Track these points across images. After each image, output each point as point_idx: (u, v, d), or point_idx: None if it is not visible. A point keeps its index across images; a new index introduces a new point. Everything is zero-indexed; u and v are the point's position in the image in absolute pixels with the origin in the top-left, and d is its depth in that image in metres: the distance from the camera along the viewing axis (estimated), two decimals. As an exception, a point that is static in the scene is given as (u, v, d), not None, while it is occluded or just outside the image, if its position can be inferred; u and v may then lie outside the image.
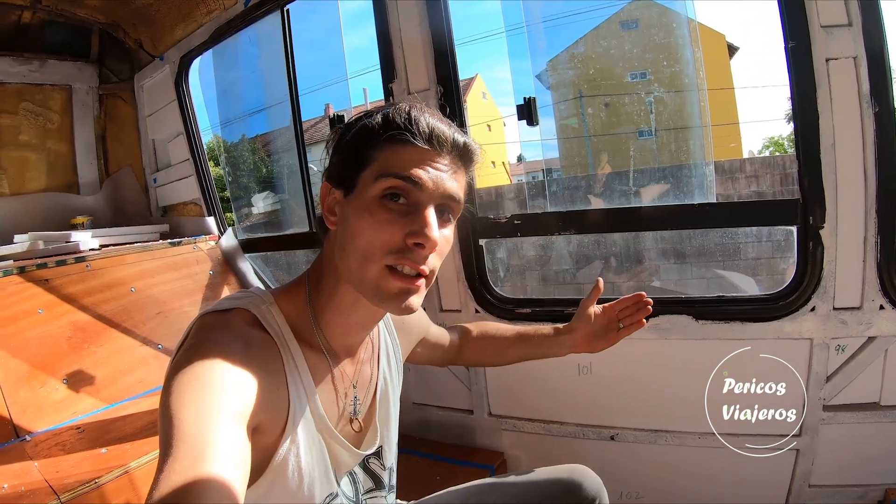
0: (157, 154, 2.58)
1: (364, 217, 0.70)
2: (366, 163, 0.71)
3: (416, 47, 1.62)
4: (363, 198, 0.70)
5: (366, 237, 0.69)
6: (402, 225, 0.69)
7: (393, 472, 0.94)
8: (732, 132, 6.15)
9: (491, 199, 5.80)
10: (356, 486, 0.85)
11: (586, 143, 6.18)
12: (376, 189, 0.69)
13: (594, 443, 1.59)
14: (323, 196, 0.76)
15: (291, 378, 0.73)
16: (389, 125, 0.71)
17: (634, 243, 4.46)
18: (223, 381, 0.61)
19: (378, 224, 0.69)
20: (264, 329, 0.73)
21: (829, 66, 1.18)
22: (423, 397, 1.91)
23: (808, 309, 1.30)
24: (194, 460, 0.53)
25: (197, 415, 0.57)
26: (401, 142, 0.70)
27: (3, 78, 2.26)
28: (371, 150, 0.71)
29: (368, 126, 0.72)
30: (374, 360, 0.90)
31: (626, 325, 1.14)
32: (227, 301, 0.76)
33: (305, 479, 0.74)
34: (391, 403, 0.92)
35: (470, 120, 17.63)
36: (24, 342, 1.59)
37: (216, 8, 2.03)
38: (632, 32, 6.09)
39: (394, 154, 0.70)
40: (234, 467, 0.55)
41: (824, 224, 1.25)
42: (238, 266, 2.30)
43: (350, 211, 0.72)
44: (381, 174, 0.69)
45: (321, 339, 0.78)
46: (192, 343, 0.66)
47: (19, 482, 1.20)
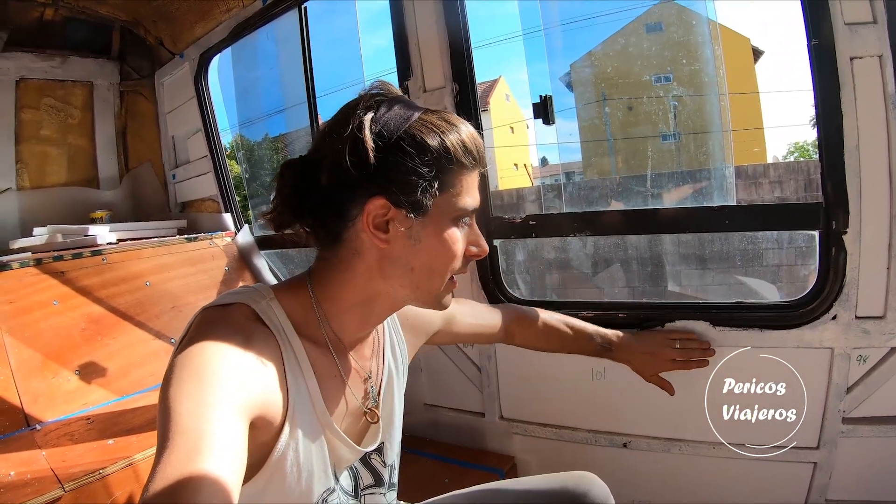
0: (176, 150, 2.60)
1: (444, 241, 0.75)
2: (447, 187, 0.74)
3: (432, 45, 1.61)
4: (442, 221, 0.75)
5: (447, 256, 0.76)
6: (465, 242, 0.79)
7: (394, 470, 0.94)
8: (757, 137, 6.03)
9: (512, 201, 5.89)
10: (356, 481, 0.85)
11: (609, 145, 6.13)
12: (456, 214, 0.76)
13: (606, 450, 1.56)
14: (372, 213, 0.73)
15: (291, 373, 0.73)
16: (468, 153, 0.75)
17: (653, 247, 4.41)
18: (222, 375, 0.62)
19: (456, 244, 0.77)
20: (264, 324, 0.73)
21: (854, 64, 1.13)
22: (435, 398, 1.89)
23: (830, 317, 1.25)
24: (191, 453, 0.53)
25: (195, 407, 0.58)
26: (472, 169, 0.76)
27: (26, 74, 2.30)
28: (450, 176, 0.74)
29: (448, 149, 0.73)
30: (380, 355, 0.91)
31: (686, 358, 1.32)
32: (227, 296, 0.76)
33: (304, 473, 0.74)
34: (395, 400, 0.92)
35: (493, 122, 17.69)
36: (38, 333, 1.61)
37: (235, 6, 2.04)
38: (656, 35, 6.03)
39: (468, 182, 0.76)
40: (230, 460, 0.56)
41: (847, 229, 1.20)
42: (254, 262, 2.31)
43: (425, 233, 0.75)
44: (461, 205, 0.76)
45: (328, 335, 0.79)
46: (193, 337, 0.66)
47: (26, 470, 1.21)
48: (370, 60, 4.72)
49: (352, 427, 0.84)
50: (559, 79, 7.80)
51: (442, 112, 0.76)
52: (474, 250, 0.79)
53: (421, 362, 1.88)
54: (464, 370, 1.78)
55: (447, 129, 0.73)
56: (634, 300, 1.69)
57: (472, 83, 1.59)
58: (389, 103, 0.73)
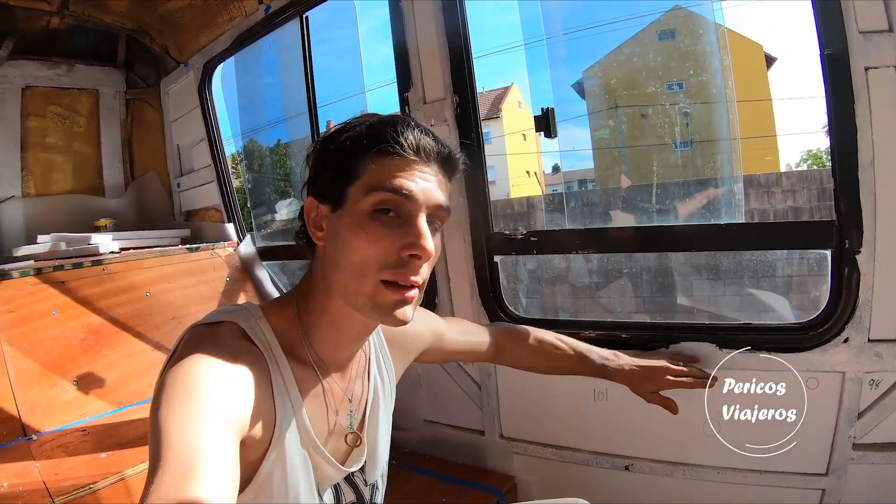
0: (181, 159, 2.61)
1: (357, 233, 0.70)
2: (354, 177, 0.71)
3: (433, 56, 1.59)
4: (354, 213, 0.71)
5: (360, 253, 0.70)
6: (395, 238, 0.70)
7: (377, 490, 0.92)
8: (770, 145, 5.94)
9: (523, 210, 5.84)
10: (339, 498, 0.85)
11: (622, 153, 6.08)
12: (367, 203, 0.70)
13: (608, 472, 1.51)
14: (308, 211, 0.76)
15: (278, 391, 0.73)
16: (376, 137, 0.70)
17: (663, 258, 4.35)
18: (212, 393, 0.62)
19: (372, 239, 0.70)
20: (252, 342, 0.73)
21: (869, 75, 1.08)
22: (434, 414, 1.86)
23: (841, 340, 1.20)
24: (184, 473, 0.53)
25: (186, 426, 0.57)
26: (389, 154, 0.70)
27: (32, 81, 2.32)
28: (358, 163, 0.71)
29: (354, 138, 0.72)
30: (365, 376, 0.89)
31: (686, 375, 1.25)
32: (216, 314, 0.76)
33: (290, 491, 0.74)
34: (381, 420, 0.91)
35: (505, 129, 17.63)
36: (36, 342, 1.62)
37: (238, 14, 2.04)
38: (669, 42, 5.97)
39: (383, 167, 0.70)
40: (223, 479, 0.55)
41: (861, 248, 1.15)
42: (255, 274, 2.30)
43: (341, 226, 0.72)
44: (371, 188, 0.70)
45: (311, 354, 0.78)
46: (182, 354, 0.66)
47: (18, 482, 1.22)
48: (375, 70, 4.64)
49: (337, 446, 0.83)
50: (571, 86, 7.75)
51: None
52: (406, 252, 0.70)
53: (421, 378, 1.85)
54: (464, 387, 1.75)
55: (362, 120, 0.74)
56: (638, 321, 1.64)
57: (472, 95, 1.56)
58: (343, 127, 0.76)
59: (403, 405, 1.86)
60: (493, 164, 16.96)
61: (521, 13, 6.03)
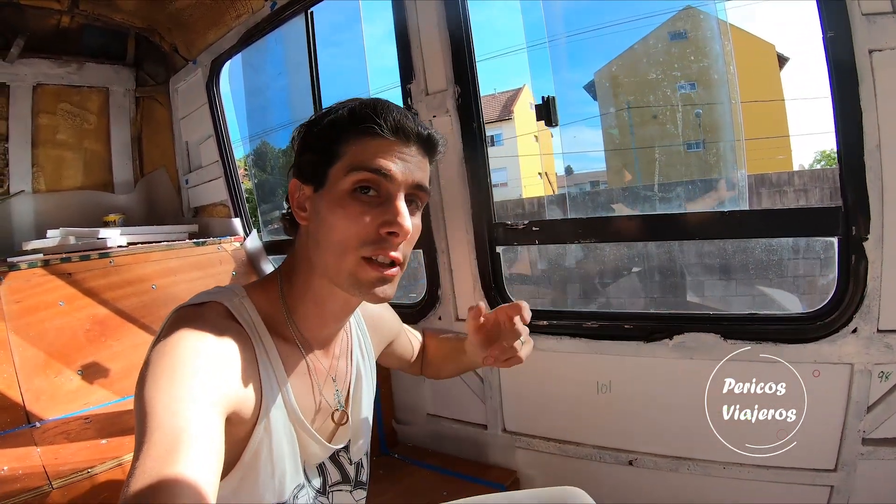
0: (189, 156, 2.63)
1: (337, 211, 0.72)
2: (335, 157, 0.73)
3: (434, 48, 1.59)
4: (335, 192, 0.73)
5: (340, 230, 0.72)
6: (374, 216, 0.72)
7: (361, 469, 0.93)
8: (782, 144, 5.86)
9: (533, 210, 5.87)
10: (324, 477, 0.86)
11: (633, 154, 6.05)
12: (347, 182, 0.72)
13: (611, 466, 1.49)
14: (292, 192, 0.78)
15: (264, 369, 0.74)
16: (356, 119, 0.72)
17: (673, 256, 4.31)
18: (197, 370, 0.63)
19: (352, 217, 0.72)
20: (237, 321, 0.74)
21: (873, 58, 1.06)
22: (438, 409, 1.85)
23: (850, 330, 1.17)
24: (169, 449, 0.54)
25: (171, 402, 0.58)
26: (368, 134, 0.72)
27: (43, 80, 2.35)
28: (339, 145, 0.73)
29: (335, 120, 0.74)
30: (348, 355, 0.91)
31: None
32: (201, 295, 0.78)
33: (277, 470, 0.75)
34: (364, 399, 0.92)
35: (518, 130, 17.60)
36: (42, 332, 1.63)
37: (245, 11, 2.06)
38: (680, 43, 5.94)
39: (362, 147, 0.72)
40: (208, 456, 0.56)
41: (868, 235, 1.12)
42: (261, 267, 2.31)
43: (322, 206, 0.74)
44: (351, 168, 0.72)
45: (294, 332, 0.80)
46: (167, 334, 0.67)
47: (19, 466, 1.22)
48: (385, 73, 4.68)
49: (322, 425, 0.84)
50: (583, 87, 7.75)
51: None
52: (385, 229, 0.71)
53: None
54: (467, 381, 1.73)
55: (345, 104, 0.76)
56: (641, 311, 1.61)
57: (474, 86, 1.56)
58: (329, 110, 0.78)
59: (407, 399, 1.88)
60: (506, 166, 16.92)
61: (544, 13, 6.05)
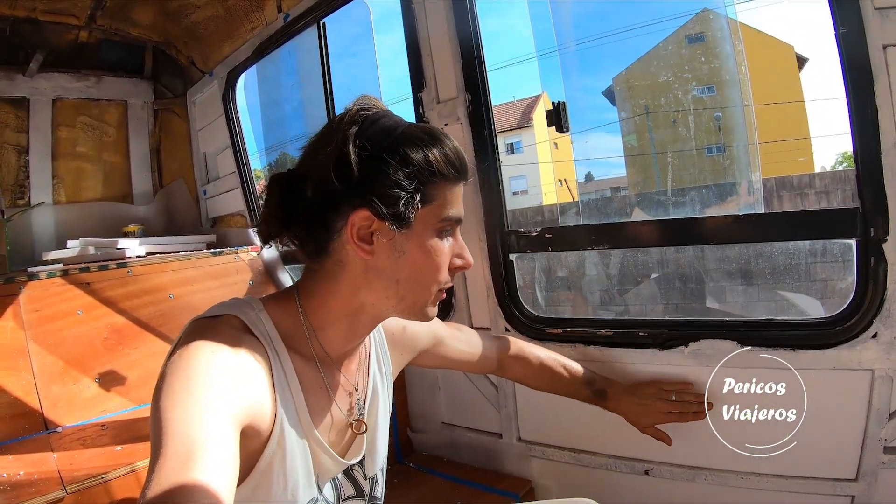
0: (207, 167, 2.67)
1: (429, 252, 0.76)
2: (427, 200, 0.74)
3: (445, 56, 1.59)
4: (425, 234, 0.76)
5: (432, 270, 0.77)
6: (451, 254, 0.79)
7: (376, 484, 0.92)
8: (803, 146, 5.75)
9: (553, 217, 6.05)
10: (338, 491, 0.85)
11: (654, 159, 6.00)
12: (437, 227, 0.76)
13: (627, 476, 1.46)
14: (357, 224, 0.74)
15: (279, 383, 0.74)
16: (450, 166, 0.75)
17: (694, 262, 4.26)
18: (213, 383, 0.63)
19: (442, 258, 0.78)
20: (254, 335, 0.74)
21: (888, 53, 1.02)
22: (452, 417, 1.84)
23: (870, 335, 1.12)
24: (185, 460, 0.54)
25: (187, 414, 0.58)
26: (455, 181, 0.77)
27: (62, 93, 2.41)
28: (432, 189, 0.75)
29: (429, 163, 0.74)
30: (365, 369, 0.91)
31: (681, 412, 1.27)
32: (217, 308, 0.78)
33: (289, 483, 0.75)
34: (380, 414, 0.92)
35: (537, 138, 17.57)
36: (60, 340, 1.66)
37: (259, 24, 2.09)
38: (698, 46, 5.89)
39: (451, 194, 0.77)
40: (224, 467, 0.56)
41: (887, 237, 1.08)
42: (278, 277, 2.32)
43: (408, 245, 0.76)
44: (443, 217, 0.76)
45: (314, 348, 0.80)
46: (183, 347, 0.67)
47: (35, 471, 1.24)
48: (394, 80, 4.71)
49: (337, 439, 0.84)
50: (602, 93, 7.72)
51: (426, 126, 0.79)
52: (458, 262, 0.80)
53: (439, 381, 1.83)
54: (482, 389, 1.72)
55: (430, 142, 0.74)
56: (656, 318, 1.59)
57: (485, 94, 1.55)
58: (374, 118, 0.75)
59: (422, 408, 1.86)
60: (526, 174, 16.88)
61: (553, 21, 6.07)
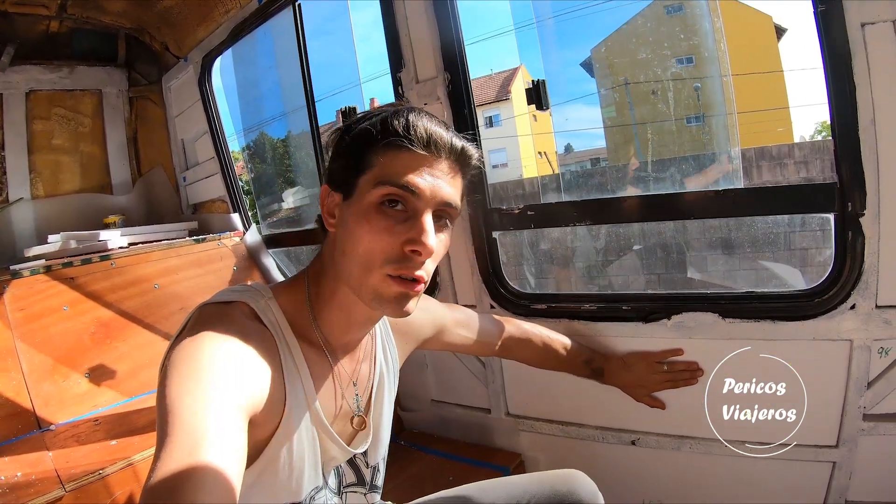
0: (186, 153, 2.63)
1: (363, 224, 0.71)
2: (365, 168, 0.72)
3: (424, 36, 1.57)
4: (362, 203, 0.72)
5: (365, 245, 0.71)
6: (399, 232, 0.71)
7: (377, 472, 0.93)
8: (783, 116, 5.78)
9: (534, 190, 5.96)
10: (340, 478, 0.86)
11: (633, 130, 5.99)
12: (374, 195, 0.71)
13: (614, 447, 1.50)
14: (322, 198, 0.78)
15: (288, 372, 0.74)
16: (388, 130, 0.70)
17: (676, 233, 4.30)
18: (221, 372, 0.63)
19: (376, 232, 0.71)
20: (262, 323, 0.74)
21: (866, 31, 1.03)
22: (442, 394, 1.87)
23: (848, 307, 1.16)
24: (192, 448, 0.54)
25: (195, 403, 0.58)
26: (399, 147, 0.71)
27: (35, 85, 2.34)
28: (370, 155, 0.71)
29: (368, 130, 0.72)
30: (372, 359, 0.91)
31: (673, 380, 1.34)
32: (226, 293, 0.77)
33: (295, 471, 0.76)
34: (385, 403, 0.93)
35: (515, 111, 17.44)
36: (48, 338, 1.65)
37: (233, 7, 2.04)
38: (677, 17, 5.84)
39: (392, 160, 0.71)
40: (230, 455, 0.56)
41: (865, 211, 1.11)
42: (262, 261, 2.32)
43: (349, 215, 0.73)
44: (379, 181, 0.71)
45: (320, 336, 0.80)
46: (192, 332, 0.67)
47: (31, 471, 1.25)
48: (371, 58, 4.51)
49: (343, 428, 0.85)
50: (580, 64, 7.66)
51: (400, 103, 0.77)
52: (408, 247, 0.70)
53: (427, 359, 1.86)
54: (469, 365, 1.75)
55: (380, 111, 0.74)
56: (639, 292, 1.62)
57: (464, 72, 1.54)
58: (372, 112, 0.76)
59: (411, 386, 1.89)
60: (505, 147, 16.77)
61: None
